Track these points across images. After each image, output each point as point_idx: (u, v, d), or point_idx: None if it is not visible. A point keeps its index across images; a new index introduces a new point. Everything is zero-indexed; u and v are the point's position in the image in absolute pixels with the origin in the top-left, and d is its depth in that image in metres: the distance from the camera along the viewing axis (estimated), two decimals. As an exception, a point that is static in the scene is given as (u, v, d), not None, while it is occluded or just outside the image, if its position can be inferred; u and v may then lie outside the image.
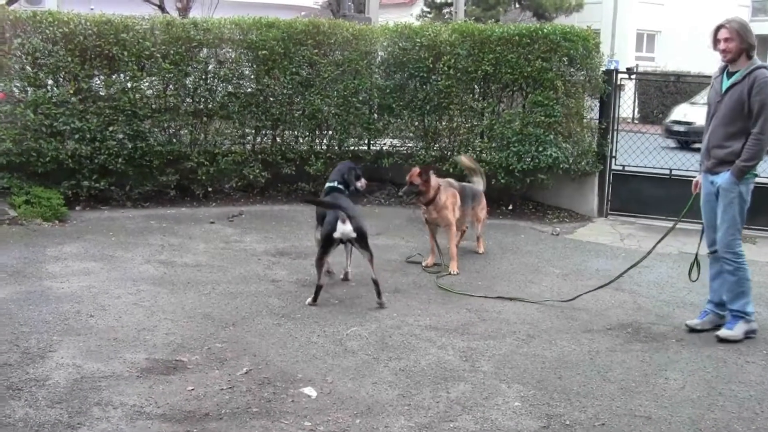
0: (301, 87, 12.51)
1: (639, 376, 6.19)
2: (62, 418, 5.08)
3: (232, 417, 5.21)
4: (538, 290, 8.48)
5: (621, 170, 12.77)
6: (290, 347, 6.49)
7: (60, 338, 6.46)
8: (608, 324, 7.44)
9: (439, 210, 9.05)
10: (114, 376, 5.78)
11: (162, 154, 11.83)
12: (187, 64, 11.93)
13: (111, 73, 11.62)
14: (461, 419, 5.31)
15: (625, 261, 9.75)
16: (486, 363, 6.34)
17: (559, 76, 12.05)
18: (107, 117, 11.42)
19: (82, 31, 11.20)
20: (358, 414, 5.33)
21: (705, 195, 7.25)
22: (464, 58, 12.24)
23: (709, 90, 7.47)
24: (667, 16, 43.92)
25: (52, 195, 10.84)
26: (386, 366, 6.19)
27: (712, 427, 5.34)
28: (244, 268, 8.83)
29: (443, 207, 9.05)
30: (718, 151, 6.99)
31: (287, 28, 12.36)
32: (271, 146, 12.82)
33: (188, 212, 11.70)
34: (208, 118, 12.35)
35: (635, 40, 45.25)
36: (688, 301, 8.26)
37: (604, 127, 12.62)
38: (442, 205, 9.04)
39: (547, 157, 11.91)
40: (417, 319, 7.33)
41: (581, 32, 12.28)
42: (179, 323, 6.95)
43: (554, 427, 5.25)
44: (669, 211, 11.75)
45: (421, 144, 13.05)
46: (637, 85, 16.90)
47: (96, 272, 8.41)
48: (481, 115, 12.56)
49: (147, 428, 5.01)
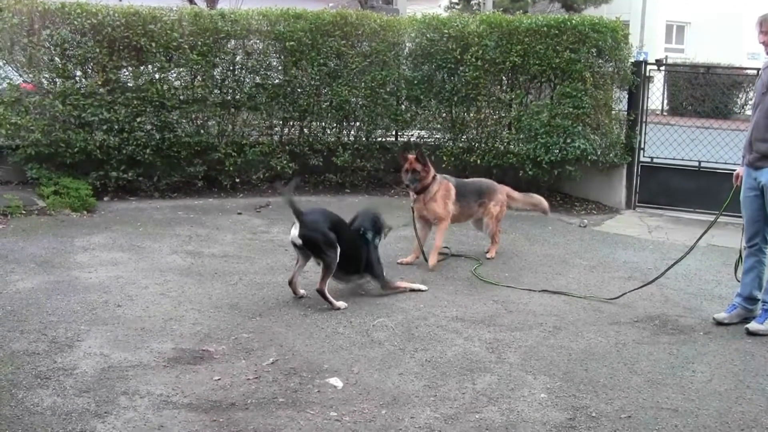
0: (328, 78, 12.52)
1: (666, 369, 6.15)
2: (89, 407, 5.11)
3: (258, 407, 5.22)
4: (565, 282, 8.44)
5: (649, 162, 12.69)
6: (316, 338, 6.50)
7: (87, 328, 6.50)
8: (635, 316, 7.40)
9: (428, 203, 8.81)
10: (141, 366, 5.81)
11: (190, 145, 11.88)
12: (215, 55, 11.96)
13: (139, 64, 11.66)
14: (487, 410, 5.30)
15: (653, 253, 9.72)
16: (512, 354, 6.32)
17: (588, 67, 11.98)
18: (135, 108, 11.47)
19: (110, 23, 11.23)
20: (384, 405, 5.33)
21: (746, 189, 7.13)
22: (492, 50, 12.20)
23: (756, 80, 7.33)
24: (697, 7, 43.46)
25: (81, 186, 10.91)
26: (412, 357, 6.18)
27: (740, 420, 5.30)
28: (271, 259, 8.85)
29: (432, 199, 8.80)
30: (761, 144, 6.86)
31: (315, 19, 12.36)
32: (298, 137, 12.84)
33: (215, 203, 11.74)
34: (235, 109, 12.38)
35: (664, 31, 44.83)
36: (716, 293, 8.20)
37: (633, 118, 12.55)
38: (431, 196, 8.79)
39: (575, 148, 11.85)
40: (443, 311, 7.32)
41: (610, 23, 12.20)
42: (206, 313, 6.98)
43: (580, 419, 5.22)
44: (697, 203, 11.72)
45: (449, 135, 13.02)
46: (666, 77, 16.71)
47: (123, 262, 8.46)
48: (509, 107, 12.52)
49: (173, 417, 5.03)
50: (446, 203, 8.92)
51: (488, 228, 9.44)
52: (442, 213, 8.87)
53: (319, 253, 7.27)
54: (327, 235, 7.21)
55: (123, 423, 4.93)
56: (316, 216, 7.40)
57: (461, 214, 9.22)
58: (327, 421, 5.07)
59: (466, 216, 9.37)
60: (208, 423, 4.98)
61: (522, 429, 5.07)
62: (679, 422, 5.24)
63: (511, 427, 5.09)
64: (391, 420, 5.11)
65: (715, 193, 7.61)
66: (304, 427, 4.98)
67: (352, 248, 7.48)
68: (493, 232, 9.44)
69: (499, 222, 9.47)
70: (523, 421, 5.18)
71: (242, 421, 5.02)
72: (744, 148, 7.20)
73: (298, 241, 7.23)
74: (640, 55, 19.64)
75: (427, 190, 8.79)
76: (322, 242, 7.20)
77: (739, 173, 7.27)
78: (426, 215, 8.95)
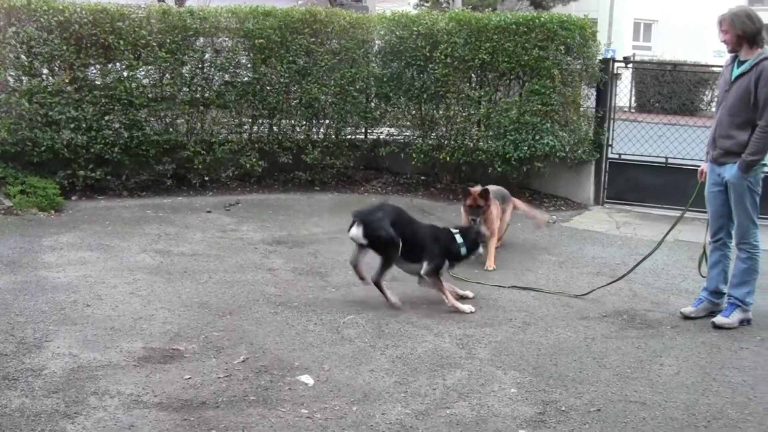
0: (298, 76, 12.50)
1: (634, 362, 6.21)
2: (59, 408, 5.08)
3: (229, 405, 5.21)
4: (535, 278, 8.49)
5: (617, 159, 12.78)
6: (287, 335, 6.50)
7: (56, 328, 6.46)
8: (604, 311, 7.46)
9: (486, 220, 8.92)
10: (111, 366, 5.78)
11: (158, 143, 11.81)
12: (184, 53, 11.90)
13: (107, 62, 11.58)
14: (457, 406, 5.32)
15: (621, 249, 9.80)
16: (482, 350, 6.35)
17: (556, 64, 12.04)
18: (103, 106, 11.39)
19: (78, 20, 11.14)
20: (355, 401, 5.34)
21: (710, 185, 7.20)
22: (461, 47, 12.23)
23: (720, 78, 7.39)
24: (664, 5, 43.78)
25: (48, 185, 10.82)
26: (383, 353, 6.20)
27: (706, 412, 5.36)
28: (240, 257, 8.83)
29: (490, 219, 8.95)
30: (725, 141, 6.94)
31: (284, 16, 12.33)
32: (267, 135, 12.81)
33: (185, 201, 11.69)
34: (204, 107, 12.32)
35: (632, 28, 45.18)
36: (684, 288, 8.28)
37: (601, 115, 12.63)
38: (490, 217, 8.96)
39: (543, 145, 11.91)
40: (414, 307, 7.34)
41: (578, 21, 12.27)
42: (176, 312, 6.96)
43: (550, 413, 5.26)
44: (665, 199, 11.81)
45: (418, 132, 13.04)
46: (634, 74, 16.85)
47: (92, 262, 8.41)
48: (478, 104, 12.56)
49: (144, 417, 5.01)
50: (500, 221, 9.26)
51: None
52: (495, 228, 9.04)
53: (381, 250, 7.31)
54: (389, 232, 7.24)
55: (93, 423, 4.90)
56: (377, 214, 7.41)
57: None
58: (298, 418, 5.07)
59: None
60: (179, 422, 4.96)
61: (492, 423, 5.09)
62: (647, 415, 5.28)
63: (482, 421, 5.11)
64: (362, 416, 5.12)
65: (683, 189, 7.70)
66: (275, 424, 4.98)
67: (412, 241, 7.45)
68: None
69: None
70: (494, 415, 5.21)
71: (213, 419, 5.01)
72: (708, 145, 7.27)
73: (362, 241, 7.25)
74: (607, 53, 19.80)
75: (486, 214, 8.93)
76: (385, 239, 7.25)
77: (704, 169, 7.35)
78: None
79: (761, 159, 6.83)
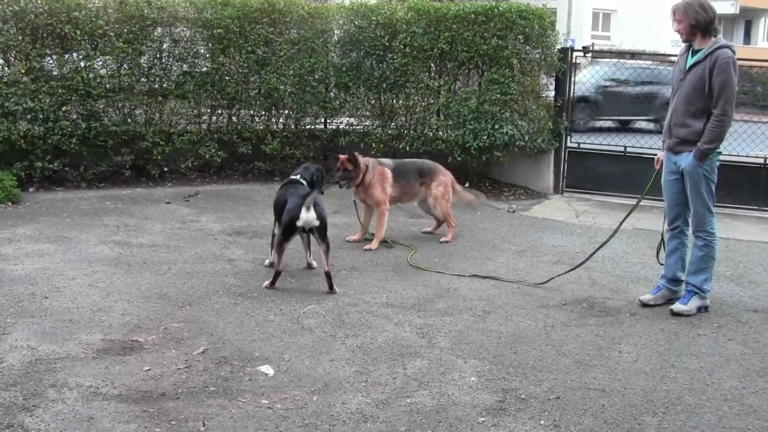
0: (256, 66, 12.46)
1: (593, 350, 6.27)
2: (17, 401, 5.03)
3: (189, 396, 5.20)
4: (494, 267, 8.54)
5: (576, 147, 12.88)
6: (247, 326, 6.48)
7: (14, 320, 6.39)
8: (563, 299, 7.52)
9: (367, 189, 9.12)
10: (69, 358, 5.74)
11: (117, 134, 11.72)
12: (141, 42, 11.81)
13: (63, 52, 11.46)
14: (418, 395, 5.35)
15: (580, 237, 9.88)
16: (442, 339, 6.38)
17: (515, 54, 12.10)
18: (60, 97, 11.27)
19: (33, 9, 11.01)
20: (316, 391, 5.34)
21: (666, 173, 7.28)
22: (420, 36, 12.25)
23: (674, 67, 7.45)
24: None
25: (5, 176, 10.68)
26: (343, 343, 6.20)
27: (664, 398, 5.42)
28: (200, 248, 8.80)
29: (370, 186, 9.11)
30: (680, 129, 7.00)
31: (242, 6, 12.26)
32: (227, 125, 12.75)
33: (144, 192, 11.61)
34: (163, 97, 12.23)
35: (591, 18, 45.49)
36: (642, 276, 8.36)
37: (560, 104, 12.71)
38: (368, 184, 9.10)
39: (503, 134, 11.97)
40: (374, 297, 7.35)
41: (537, 10, 12.34)
42: (135, 304, 6.91)
43: (510, 401, 5.30)
44: (623, 188, 11.92)
45: (378, 122, 13.05)
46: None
47: (50, 254, 8.33)
48: (438, 93, 12.59)
49: (103, 409, 4.98)
50: (383, 187, 9.19)
51: (436, 209, 9.63)
52: (380, 197, 9.13)
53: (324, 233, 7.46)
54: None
55: (52, 416, 4.86)
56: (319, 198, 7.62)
57: (403, 194, 9.53)
58: (258, 408, 5.07)
59: (408, 196, 9.66)
60: (139, 413, 4.94)
61: (452, 412, 5.12)
62: (606, 402, 5.34)
63: (442, 410, 5.14)
64: (322, 406, 5.13)
65: (641, 178, 7.78)
66: (236, 415, 4.97)
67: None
68: (445, 213, 9.62)
69: (449, 203, 9.63)
70: (454, 404, 5.23)
71: (173, 410, 4.99)
72: (664, 133, 7.34)
73: (315, 223, 7.34)
74: (567, 42, 19.87)
75: (363, 182, 9.06)
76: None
77: (660, 158, 7.43)
78: (369, 202, 9.28)
79: (716, 147, 6.90)
